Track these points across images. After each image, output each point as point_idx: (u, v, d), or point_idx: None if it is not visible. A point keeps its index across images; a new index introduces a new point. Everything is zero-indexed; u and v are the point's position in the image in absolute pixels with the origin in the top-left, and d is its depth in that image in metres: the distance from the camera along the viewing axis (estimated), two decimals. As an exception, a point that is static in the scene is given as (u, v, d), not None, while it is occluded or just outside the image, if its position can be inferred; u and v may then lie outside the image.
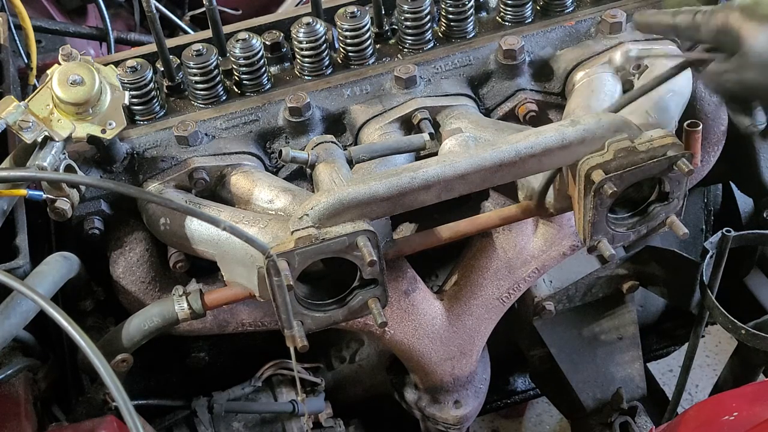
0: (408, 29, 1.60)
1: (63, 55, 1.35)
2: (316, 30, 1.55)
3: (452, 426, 1.83)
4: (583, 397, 2.03)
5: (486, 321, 1.70)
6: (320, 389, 1.76)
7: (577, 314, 2.01)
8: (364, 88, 1.57)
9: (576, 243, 1.61)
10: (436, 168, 1.29)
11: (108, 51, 2.42)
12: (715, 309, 1.79)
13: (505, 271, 1.63)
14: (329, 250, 1.26)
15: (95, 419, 1.35)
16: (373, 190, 1.27)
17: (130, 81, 1.50)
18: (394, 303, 1.58)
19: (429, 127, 1.50)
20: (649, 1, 1.64)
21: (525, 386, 2.31)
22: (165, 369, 1.76)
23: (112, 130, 1.36)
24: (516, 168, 1.31)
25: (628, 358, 2.05)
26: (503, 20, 1.65)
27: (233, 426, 1.65)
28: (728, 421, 1.29)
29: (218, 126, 1.53)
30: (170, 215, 1.42)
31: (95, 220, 1.46)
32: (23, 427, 1.29)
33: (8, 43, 1.72)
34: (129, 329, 1.43)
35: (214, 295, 1.42)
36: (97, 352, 1.05)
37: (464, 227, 1.47)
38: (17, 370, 1.33)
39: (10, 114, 1.28)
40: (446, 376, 1.74)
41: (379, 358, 1.90)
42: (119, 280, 1.50)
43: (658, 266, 1.92)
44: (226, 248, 1.37)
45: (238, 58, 1.54)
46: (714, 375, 2.66)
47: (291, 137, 1.54)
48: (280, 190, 1.43)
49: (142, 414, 1.44)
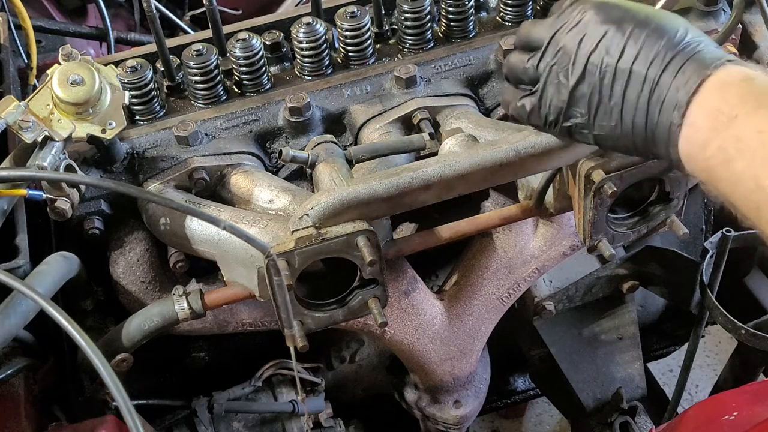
0: (408, 29, 1.60)
1: (63, 55, 1.35)
2: (316, 30, 1.55)
3: (452, 426, 1.83)
4: (583, 397, 2.03)
5: (486, 321, 1.70)
6: (320, 389, 1.76)
7: (577, 314, 2.01)
8: (364, 88, 1.57)
9: (576, 243, 1.61)
10: (436, 168, 1.29)
11: (108, 51, 2.42)
12: (715, 309, 1.79)
13: (505, 271, 1.63)
14: (329, 250, 1.27)
15: (95, 419, 1.35)
16: (373, 190, 1.27)
17: (130, 81, 1.49)
18: (394, 303, 1.58)
19: (429, 127, 1.50)
20: (649, 1, 1.64)
21: (525, 386, 2.30)
22: (165, 369, 1.76)
23: (112, 130, 1.36)
24: (516, 168, 1.31)
25: (628, 358, 2.05)
26: (503, 20, 1.65)
27: (233, 426, 1.65)
28: (728, 421, 1.29)
29: (218, 126, 1.53)
30: (170, 215, 1.42)
31: (95, 220, 1.46)
32: (23, 427, 1.29)
33: (8, 43, 1.72)
34: (129, 329, 1.43)
35: (214, 295, 1.42)
36: (97, 352, 1.05)
37: (464, 227, 1.47)
38: (17, 370, 1.33)
39: (10, 114, 1.28)
40: (446, 376, 1.74)
41: (379, 358, 1.90)
42: (119, 280, 1.50)
43: (658, 266, 1.92)
44: (226, 248, 1.37)
45: (238, 58, 1.54)
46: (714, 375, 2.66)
47: (291, 137, 1.54)
48: (280, 190, 1.43)
49: (142, 414, 1.44)
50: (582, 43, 1.12)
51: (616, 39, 1.09)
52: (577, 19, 1.13)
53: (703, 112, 1.03)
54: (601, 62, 1.10)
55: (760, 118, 0.97)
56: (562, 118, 1.15)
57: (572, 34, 1.13)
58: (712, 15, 1.62)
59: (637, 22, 1.10)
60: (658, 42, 1.07)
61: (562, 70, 1.13)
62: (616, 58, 1.09)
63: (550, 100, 1.15)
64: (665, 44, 1.07)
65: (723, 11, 1.63)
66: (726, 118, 1.00)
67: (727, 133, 0.99)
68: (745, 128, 0.98)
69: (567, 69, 1.12)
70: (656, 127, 1.07)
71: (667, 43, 1.07)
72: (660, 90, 1.06)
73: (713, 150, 1.01)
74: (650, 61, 1.07)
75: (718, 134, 1.00)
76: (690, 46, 1.07)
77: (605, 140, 1.14)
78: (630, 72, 1.08)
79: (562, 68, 1.13)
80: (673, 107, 1.05)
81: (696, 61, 1.05)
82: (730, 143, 0.99)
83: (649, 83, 1.07)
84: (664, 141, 1.07)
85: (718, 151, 1.00)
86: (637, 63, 1.08)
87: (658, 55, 1.07)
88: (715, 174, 1.02)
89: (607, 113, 1.11)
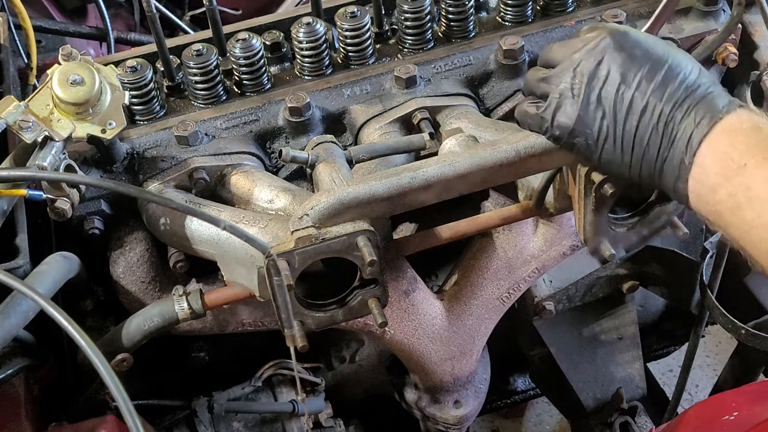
0: (408, 29, 1.60)
1: (63, 55, 1.34)
2: (316, 30, 1.55)
3: (452, 426, 1.83)
4: (583, 397, 2.03)
5: (486, 321, 1.70)
6: (320, 389, 1.76)
7: (577, 314, 2.01)
8: (364, 88, 1.57)
9: (576, 243, 1.61)
10: (436, 168, 1.29)
11: (108, 51, 2.42)
12: (715, 309, 1.79)
13: (505, 271, 1.63)
14: (329, 250, 1.26)
15: (95, 419, 1.35)
16: (373, 190, 1.27)
17: (130, 81, 1.49)
18: (394, 303, 1.58)
19: (429, 127, 1.50)
20: (649, 1, 1.64)
21: (525, 386, 2.31)
22: (165, 369, 1.76)
23: (112, 130, 1.36)
24: (516, 168, 1.31)
25: (628, 358, 2.05)
26: (503, 20, 1.65)
27: (233, 426, 1.65)
28: (728, 421, 1.29)
29: (218, 126, 1.53)
30: (170, 215, 1.42)
31: (95, 220, 1.46)
32: (23, 427, 1.29)
33: (8, 43, 1.72)
34: (129, 329, 1.43)
35: (214, 295, 1.42)
36: (97, 352, 1.05)
37: (464, 227, 1.47)
38: (17, 370, 1.33)
39: (10, 114, 1.28)
40: (446, 376, 1.74)
41: (379, 358, 1.90)
42: (119, 280, 1.50)
43: (658, 266, 1.92)
44: (226, 248, 1.37)
45: (238, 58, 1.54)
46: (714, 375, 2.66)
47: (291, 137, 1.54)
48: (280, 190, 1.43)
49: (142, 414, 1.44)
50: (599, 67, 1.14)
51: (633, 69, 1.12)
52: (595, 43, 1.15)
53: (712, 155, 1.07)
54: (617, 90, 1.12)
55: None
56: (567, 136, 1.16)
57: (589, 56, 1.15)
58: (712, 15, 1.62)
59: (654, 56, 1.13)
60: (674, 79, 1.11)
61: (575, 89, 1.14)
62: (633, 88, 1.12)
63: (557, 117, 1.16)
64: (679, 83, 1.10)
65: (723, 11, 1.63)
66: (736, 166, 1.04)
67: (737, 180, 1.04)
68: (754, 177, 1.03)
69: (580, 89, 1.14)
70: (666, 162, 1.11)
71: (681, 82, 1.10)
72: (672, 126, 1.10)
73: (723, 196, 1.06)
74: (665, 97, 1.10)
75: (728, 180, 1.05)
76: (702, 88, 1.11)
77: (609, 165, 1.17)
78: (646, 104, 1.11)
79: (576, 88, 1.14)
80: (685, 145, 1.08)
81: (707, 104, 1.09)
82: (740, 191, 1.04)
83: (663, 118, 1.10)
84: (672, 176, 1.11)
85: (728, 197, 1.05)
86: (654, 96, 1.11)
87: (673, 92, 1.10)
88: (724, 218, 1.07)
89: (617, 139, 1.13)
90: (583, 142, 1.16)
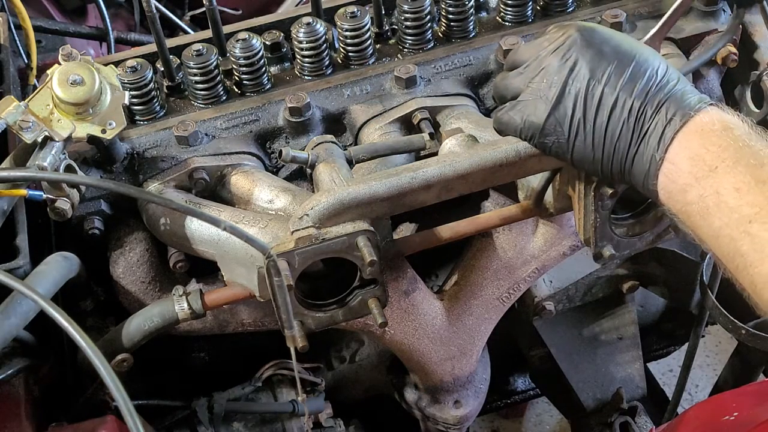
0: (408, 29, 1.60)
1: (63, 55, 1.34)
2: (316, 30, 1.55)
3: (452, 426, 1.83)
4: (583, 397, 2.03)
5: (486, 321, 1.70)
6: (320, 389, 1.76)
7: (577, 314, 2.01)
8: (364, 88, 1.57)
9: (576, 243, 1.61)
10: (436, 168, 1.29)
11: (108, 51, 2.42)
12: (715, 309, 1.79)
13: (505, 271, 1.63)
14: (329, 250, 1.26)
15: (95, 419, 1.35)
16: (373, 190, 1.27)
17: (130, 81, 1.49)
18: (394, 303, 1.58)
19: (429, 127, 1.50)
20: (649, 1, 1.64)
21: (525, 386, 2.31)
22: (165, 369, 1.76)
23: (112, 130, 1.36)
24: (516, 168, 1.31)
25: (628, 358, 2.05)
26: (503, 20, 1.65)
27: (233, 426, 1.65)
28: (728, 421, 1.29)
29: (218, 126, 1.53)
30: (170, 215, 1.42)
31: (95, 220, 1.46)
32: (23, 427, 1.29)
33: (8, 43, 1.72)
34: (129, 329, 1.43)
35: (214, 295, 1.42)
36: (97, 352, 1.05)
37: (464, 227, 1.47)
38: (17, 370, 1.33)
39: (10, 114, 1.28)
40: (446, 376, 1.74)
41: (379, 358, 1.90)
42: (119, 280, 1.50)
43: (658, 266, 1.92)
44: (226, 248, 1.37)
45: (238, 58, 1.54)
46: (714, 375, 2.66)
47: (291, 137, 1.54)
48: (280, 190, 1.43)
49: (142, 414, 1.44)
50: (565, 64, 1.13)
51: (603, 65, 1.11)
52: (561, 41, 1.14)
53: (684, 154, 1.06)
54: (587, 85, 1.11)
55: (737, 174, 1.02)
56: (538, 135, 1.16)
57: (556, 54, 1.14)
58: (712, 15, 1.62)
59: (622, 52, 1.11)
60: (642, 75, 1.10)
61: (542, 87, 1.13)
62: (603, 83, 1.10)
63: (527, 117, 1.16)
64: (648, 78, 1.10)
65: (723, 11, 1.63)
66: (707, 168, 1.04)
67: (707, 182, 1.03)
68: (723, 183, 1.02)
69: (548, 87, 1.13)
70: (636, 156, 1.10)
71: (650, 77, 1.10)
72: (643, 121, 1.09)
73: (693, 197, 1.05)
74: (635, 92, 1.09)
75: (698, 182, 1.04)
76: (671, 83, 1.10)
77: (581, 162, 1.16)
78: (616, 99, 1.10)
79: (543, 86, 1.13)
80: (656, 141, 1.08)
81: (678, 100, 1.08)
82: (710, 194, 1.03)
83: (634, 113, 1.09)
84: (642, 172, 1.10)
85: (698, 198, 1.04)
86: (623, 91, 1.10)
87: (642, 87, 1.09)
88: (694, 221, 1.07)
89: (587, 135, 1.12)
90: (555, 141, 1.15)
